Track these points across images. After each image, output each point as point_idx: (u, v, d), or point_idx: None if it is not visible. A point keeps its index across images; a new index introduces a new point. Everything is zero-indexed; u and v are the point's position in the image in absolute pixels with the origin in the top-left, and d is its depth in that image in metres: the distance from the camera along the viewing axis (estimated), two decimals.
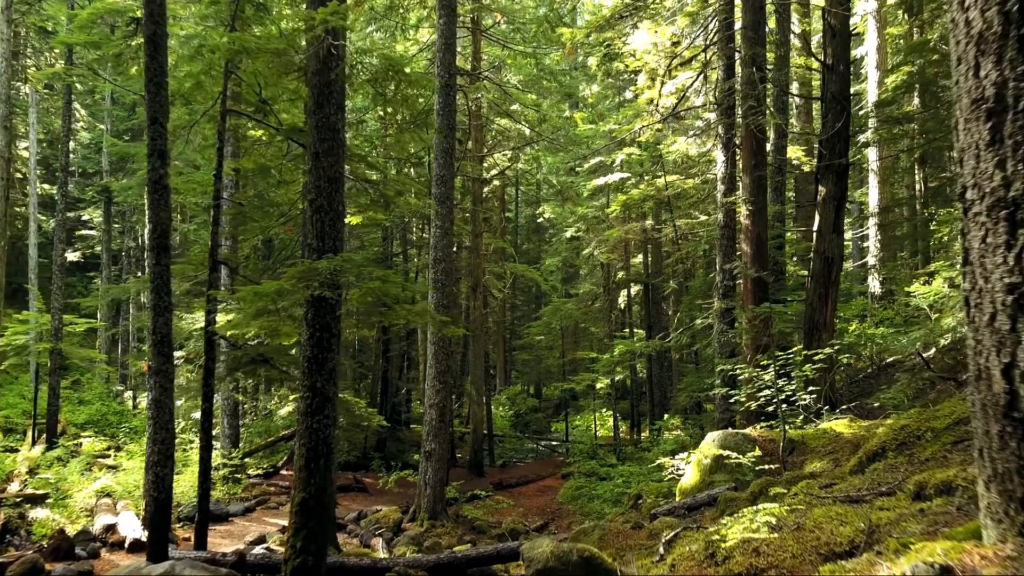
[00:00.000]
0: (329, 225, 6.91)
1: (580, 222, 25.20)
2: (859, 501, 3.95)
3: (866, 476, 4.99)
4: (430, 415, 14.10)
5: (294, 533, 6.56)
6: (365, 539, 12.60)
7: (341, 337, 6.98)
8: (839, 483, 4.98)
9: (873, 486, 4.45)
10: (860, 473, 5.48)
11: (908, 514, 3.18)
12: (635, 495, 15.06)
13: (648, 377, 25.27)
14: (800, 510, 4.10)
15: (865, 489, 4.39)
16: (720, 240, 13.24)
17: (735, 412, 11.96)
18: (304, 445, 6.69)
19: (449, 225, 14.33)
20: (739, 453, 8.21)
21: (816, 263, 12.23)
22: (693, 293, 21.12)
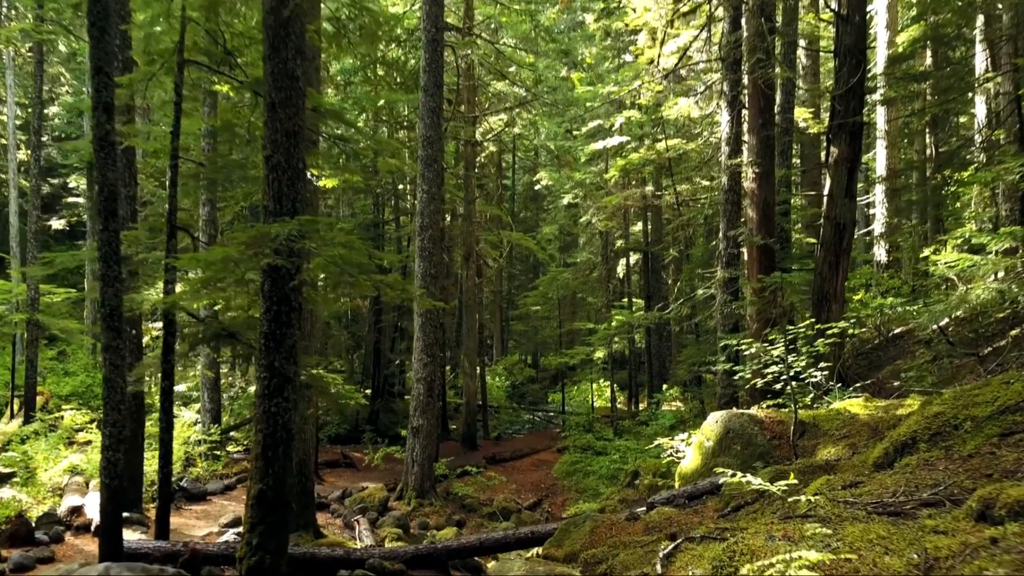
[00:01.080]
0: (287, 185, 6.14)
1: (577, 189, 24.33)
2: (900, 514, 3.24)
3: (897, 473, 4.28)
4: (418, 389, 13.44)
5: (250, 528, 5.89)
6: (348, 519, 12.01)
7: (302, 310, 6.24)
8: (865, 482, 4.28)
9: (911, 490, 3.74)
10: (887, 468, 4.78)
11: (976, 545, 2.48)
12: (632, 472, 14.49)
13: (647, 348, 24.62)
14: (826, 519, 3.41)
15: (902, 494, 3.68)
16: (724, 205, 12.44)
17: (738, 388, 11.29)
18: (261, 431, 5.99)
19: (436, 190, 13.52)
20: (745, 435, 7.54)
21: (826, 229, 11.46)
22: (694, 262, 20.35)
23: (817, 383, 8.56)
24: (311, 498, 10.59)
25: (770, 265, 11.62)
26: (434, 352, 13.43)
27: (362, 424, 23.95)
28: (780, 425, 7.58)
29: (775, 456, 7.27)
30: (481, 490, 14.93)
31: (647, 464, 14.17)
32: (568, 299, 32.12)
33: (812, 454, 6.90)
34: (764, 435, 7.48)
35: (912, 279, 21.78)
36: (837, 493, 4.05)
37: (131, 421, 11.27)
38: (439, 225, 13.70)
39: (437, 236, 13.57)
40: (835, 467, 5.86)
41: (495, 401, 29.83)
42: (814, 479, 5.78)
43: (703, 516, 6.33)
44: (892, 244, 22.17)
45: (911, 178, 22.23)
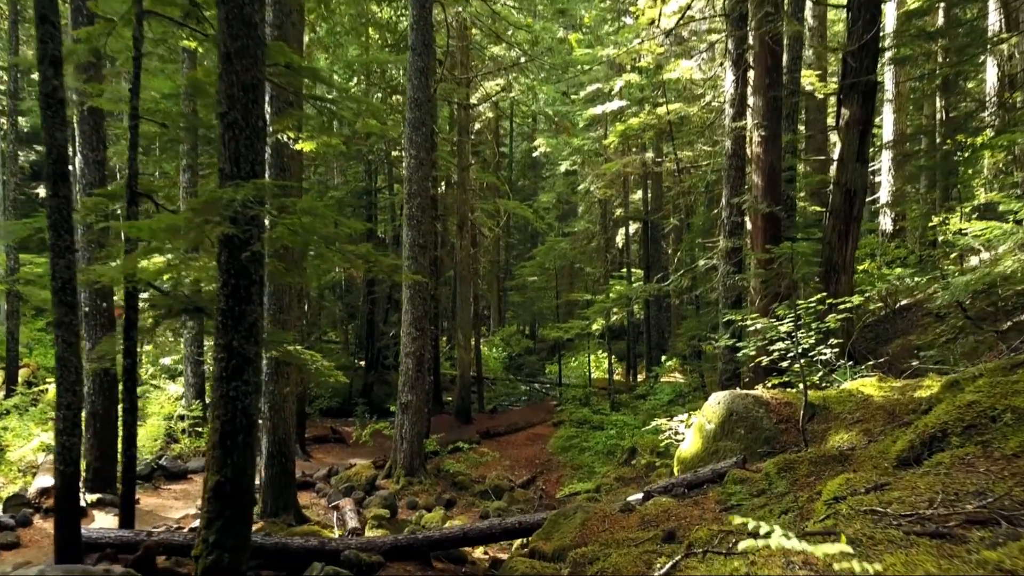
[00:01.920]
0: (245, 145, 5.50)
1: (576, 155, 23.57)
2: (946, 536, 2.69)
3: (929, 474, 3.73)
4: (407, 364, 12.90)
5: (207, 524, 5.36)
6: (334, 499, 11.57)
7: (266, 283, 5.64)
8: (892, 484, 3.72)
9: (950, 499, 3.18)
10: (914, 465, 4.23)
11: None
12: (629, 449, 14.03)
13: (645, 318, 24.08)
14: (856, 540, 2.85)
15: (941, 504, 3.12)
16: (727, 171, 11.78)
17: (740, 364, 10.74)
18: (219, 417, 5.44)
19: (425, 155, 12.84)
20: (749, 419, 7.00)
21: (836, 196, 10.83)
22: (695, 231, 19.72)
23: (826, 361, 8.02)
24: (291, 478, 10.12)
25: (776, 234, 11.01)
26: (423, 325, 12.87)
27: (355, 397, 23.50)
28: (787, 407, 7.04)
29: (782, 441, 6.74)
30: (473, 467, 14.48)
31: (644, 441, 13.70)
32: (566, 269, 31.50)
33: (823, 440, 6.36)
34: (770, 418, 6.94)
35: (919, 248, 21.17)
36: (862, 500, 3.49)
37: (103, 398, 10.79)
38: (428, 192, 13.05)
39: (426, 204, 12.92)
40: (850, 458, 5.32)
41: (492, 373, 29.39)
42: (828, 472, 5.25)
43: (704, 509, 5.80)
44: (898, 213, 21.52)
45: (920, 144, 21.49)
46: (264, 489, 9.94)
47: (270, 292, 9.79)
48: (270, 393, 9.86)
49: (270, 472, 9.85)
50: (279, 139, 9.38)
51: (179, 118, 7.67)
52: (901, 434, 5.38)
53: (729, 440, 7.05)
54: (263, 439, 9.98)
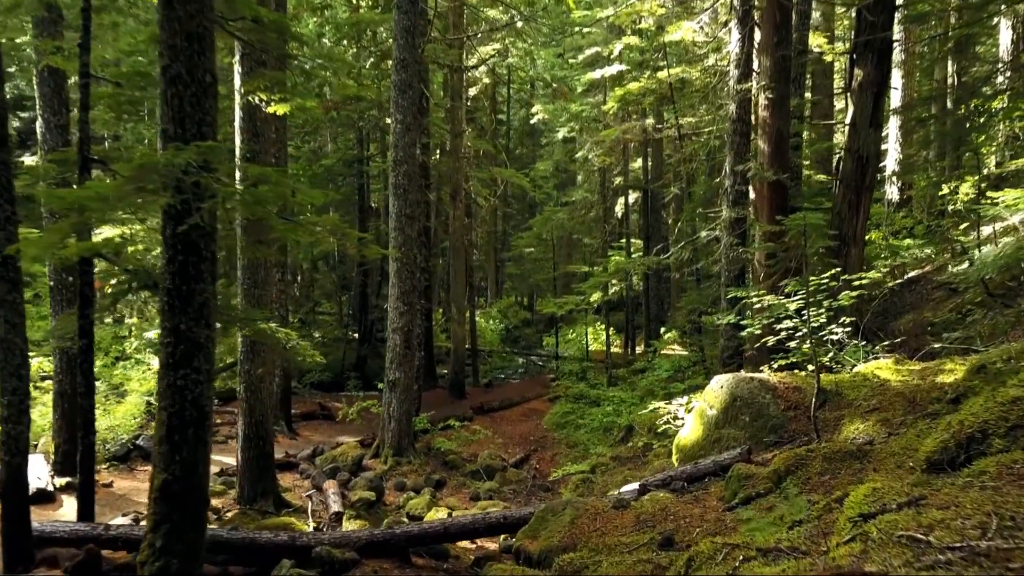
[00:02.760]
0: (191, 103, 4.86)
1: (573, 122, 22.79)
2: None
3: (973, 487, 3.17)
4: (394, 340, 12.35)
5: (153, 527, 4.83)
6: (318, 481, 11.07)
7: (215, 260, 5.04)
8: (929, 499, 3.16)
9: (1006, 524, 2.62)
10: (949, 471, 3.67)
11: None
12: (626, 427, 13.55)
13: (644, 290, 23.50)
14: None
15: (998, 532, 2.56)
16: (731, 136, 11.10)
17: (742, 341, 10.16)
18: (165, 409, 4.88)
19: (412, 120, 12.14)
20: (755, 405, 6.45)
21: (847, 163, 10.20)
22: (696, 200, 19.05)
23: (837, 341, 7.46)
24: (270, 462, 9.62)
25: (782, 204, 10.39)
26: (411, 300, 12.29)
27: (348, 370, 23.02)
28: (796, 392, 6.48)
29: (790, 430, 6.20)
30: (465, 445, 14.02)
31: (642, 418, 13.22)
32: (564, 240, 30.85)
33: (836, 429, 5.82)
34: (777, 404, 6.39)
35: (927, 218, 20.51)
36: (896, 521, 2.93)
37: (71, 377, 10.23)
38: (416, 159, 12.37)
39: (414, 172, 12.26)
40: (869, 455, 4.77)
41: (488, 345, 28.90)
42: (844, 471, 4.71)
43: (706, 507, 5.28)
44: (905, 182, 20.84)
45: (930, 110, 20.71)
46: (241, 474, 9.45)
47: (244, 266, 9.19)
48: (245, 372, 9.31)
49: (247, 456, 9.34)
50: (250, 101, 8.70)
51: (135, 77, 7.01)
52: (925, 427, 4.83)
53: (732, 428, 6.51)
54: (239, 421, 9.46)
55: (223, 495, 9.64)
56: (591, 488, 10.89)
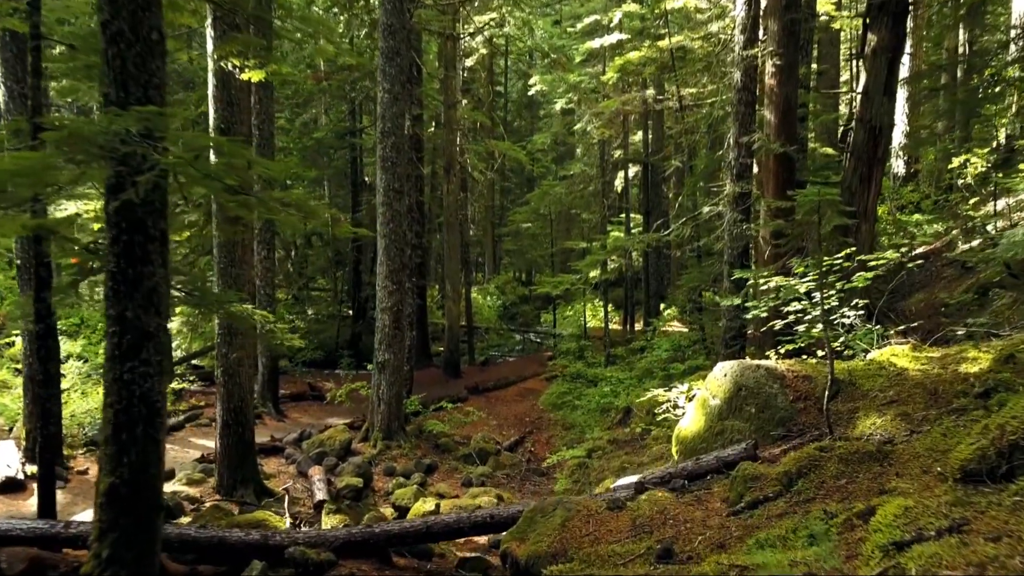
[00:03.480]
0: (135, 63, 4.32)
1: (572, 92, 22.09)
2: None
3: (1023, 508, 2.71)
4: (383, 320, 11.88)
5: (99, 535, 4.38)
6: (303, 467, 10.68)
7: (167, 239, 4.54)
8: (972, 523, 2.70)
9: None
10: (989, 483, 3.21)
11: None
12: (624, 409, 13.12)
13: (644, 266, 22.99)
14: None
15: None
16: (736, 107, 10.52)
17: (745, 322, 9.69)
18: (112, 405, 4.41)
19: (400, 89, 11.55)
20: (761, 395, 5.98)
21: (858, 134, 9.65)
22: (697, 174, 18.48)
23: (848, 325, 6.98)
24: (250, 449, 9.19)
25: (789, 178, 9.85)
26: (400, 278, 11.80)
27: (341, 348, 22.58)
28: (805, 382, 6.01)
29: (799, 423, 5.73)
30: (458, 427, 13.61)
31: (641, 400, 12.81)
32: (563, 215, 30.25)
33: (850, 424, 5.36)
34: (785, 395, 5.93)
35: (935, 193, 19.94)
36: (938, 554, 2.47)
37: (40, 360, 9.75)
38: (404, 131, 11.80)
39: (402, 144, 11.69)
40: (891, 456, 4.31)
41: (485, 322, 28.45)
42: (863, 474, 4.25)
43: (708, 510, 4.83)
44: (912, 155, 20.26)
45: (939, 80, 20.04)
46: (219, 461, 9.04)
47: (219, 244, 8.70)
48: (223, 356, 8.85)
49: (225, 442, 8.92)
50: (223, 67, 8.13)
51: (91, 39, 6.44)
52: (952, 425, 4.36)
53: (737, 419, 6.05)
54: (217, 406, 9.02)
55: (202, 483, 9.23)
56: (587, 474, 10.50)
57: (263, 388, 13.93)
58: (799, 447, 5.48)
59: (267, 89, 13.42)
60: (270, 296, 13.76)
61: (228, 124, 8.57)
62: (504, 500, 10.04)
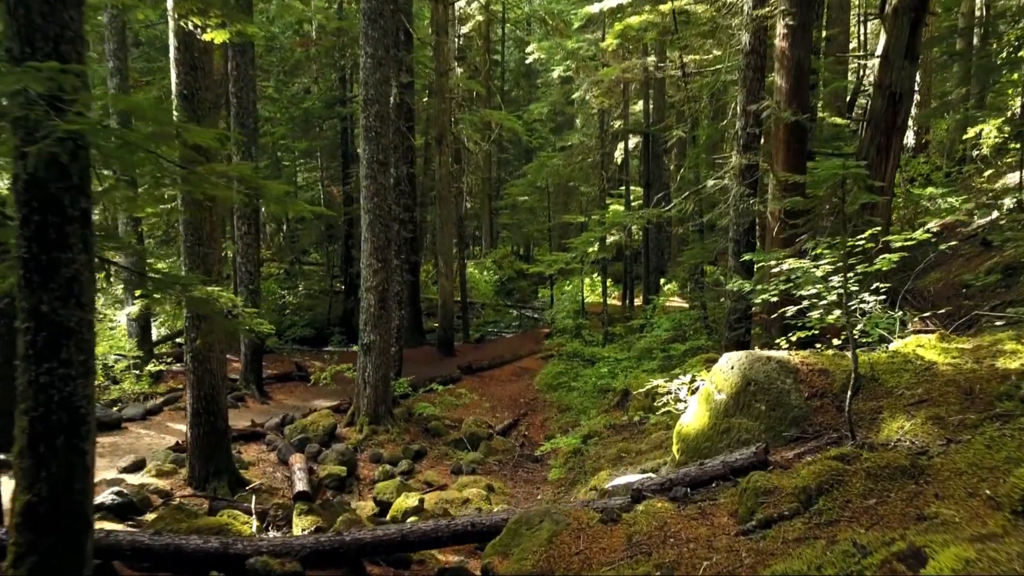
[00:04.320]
0: (42, 14, 3.65)
1: (570, 59, 21.22)
2: None
3: None
4: (368, 300, 11.29)
5: (15, 561, 3.81)
6: (284, 454, 10.15)
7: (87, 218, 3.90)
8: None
9: None
10: None
11: None
12: (621, 392, 12.56)
13: (644, 240, 22.32)
14: None
15: None
16: (744, 72, 9.79)
17: (751, 304, 9.07)
18: (27, 412, 3.82)
19: (384, 53, 10.82)
20: (772, 391, 5.39)
21: (876, 101, 8.96)
22: (700, 145, 17.75)
23: (868, 311, 6.37)
24: (223, 438, 8.63)
25: (801, 149, 9.18)
26: (386, 256, 11.17)
27: (333, 324, 22.03)
28: (822, 377, 5.42)
29: (815, 424, 5.15)
30: (449, 409, 13.08)
31: (639, 382, 12.26)
32: (562, 188, 29.49)
33: (873, 426, 4.77)
34: (799, 391, 5.34)
35: (947, 165, 19.22)
36: None
37: (1, 344, 9.16)
38: (390, 99, 11.09)
39: (387, 112, 10.99)
40: (927, 472, 3.72)
41: (482, 298, 27.87)
42: (896, 494, 3.66)
43: (714, 526, 4.27)
44: (923, 126, 19.50)
45: (955, 46, 19.20)
46: (190, 452, 8.49)
47: (185, 220, 8.06)
48: (191, 341, 8.25)
49: (196, 432, 8.36)
50: (183, 27, 7.43)
51: None
52: (997, 434, 3.77)
53: (745, 417, 5.47)
54: (187, 394, 8.44)
55: (173, 474, 8.69)
56: (582, 462, 9.97)
57: (246, 369, 13.37)
58: (816, 451, 4.90)
59: (245, 54, 12.68)
60: (251, 273, 13.14)
61: (192, 90, 7.88)
62: (495, 490, 9.53)
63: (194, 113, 7.94)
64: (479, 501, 8.46)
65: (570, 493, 9.34)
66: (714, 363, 10.54)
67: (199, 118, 7.97)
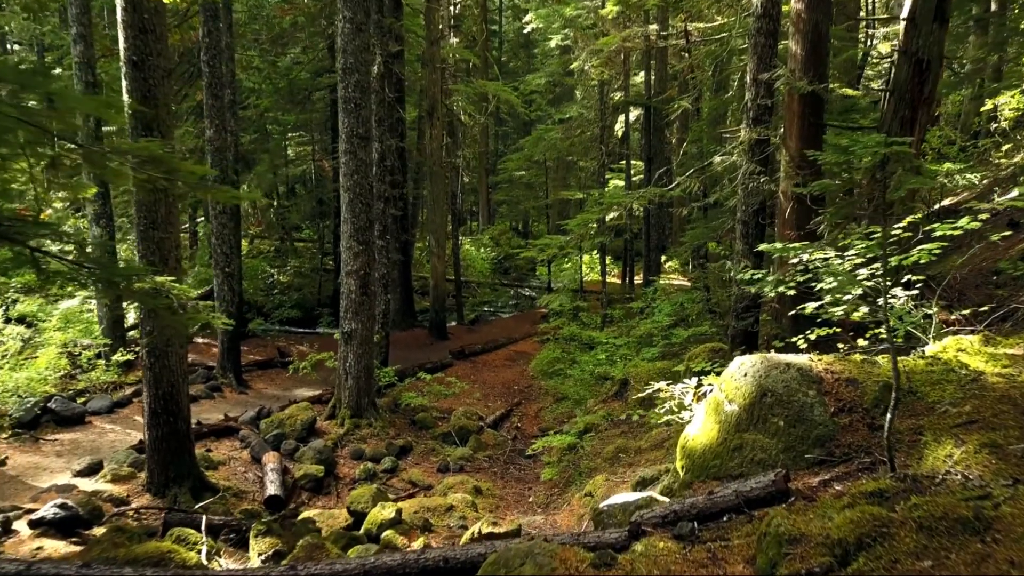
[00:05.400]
0: None
1: (568, 28, 20.27)
2: None
3: None
4: (348, 285, 10.54)
5: None
6: (258, 452, 9.48)
7: None
8: None
9: None
10: None
11: None
12: (620, 381, 11.86)
13: (644, 217, 21.51)
14: None
15: None
16: (755, 37, 8.93)
17: (759, 292, 8.30)
18: None
19: (363, 18, 9.95)
20: (792, 404, 4.66)
21: (901, 69, 8.12)
22: (704, 118, 16.88)
23: (899, 309, 5.62)
24: (186, 439, 7.93)
25: (817, 122, 8.37)
26: (367, 237, 10.40)
27: (322, 305, 21.28)
28: (850, 388, 4.68)
29: (843, 444, 4.42)
30: (438, 399, 12.40)
31: (639, 369, 11.58)
32: (561, 162, 28.59)
33: (914, 451, 4.05)
34: (824, 404, 4.60)
35: (961, 139, 18.37)
36: None
37: None
38: (369, 67, 10.24)
39: (366, 83, 10.15)
40: (995, 525, 3.00)
41: (478, 276, 27.14)
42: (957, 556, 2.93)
43: (726, 561, 3.56)
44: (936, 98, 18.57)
45: (971, 10, 18.24)
46: (149, 456, 7.79)
47: (138, 201, 7.28)
48: (147, 334, 7.52)
49: (155, 434, 7.66)
50: None
51: None
52: None
53: (760, 433, 4.75)
54: (144, 393, 7.73)
55: (131, 479, 8.00)
56: (577, 460, 9.32)
57: (222, 357, 12.66)
58: (845, 478, 4.19)
59: (215, 19, 11.79)
60: (228, 255, 12.36)
61: (142, 56, 7.06)
62: (482, 492, 8.88)
63: (145, 82, 7.14)
64: (464, 508, 7.79)
65: (563, 496, 8.68)
66: (719, 355, 9.85)
67: (151, 87, 7.17)
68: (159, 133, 7.26)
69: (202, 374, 12.76)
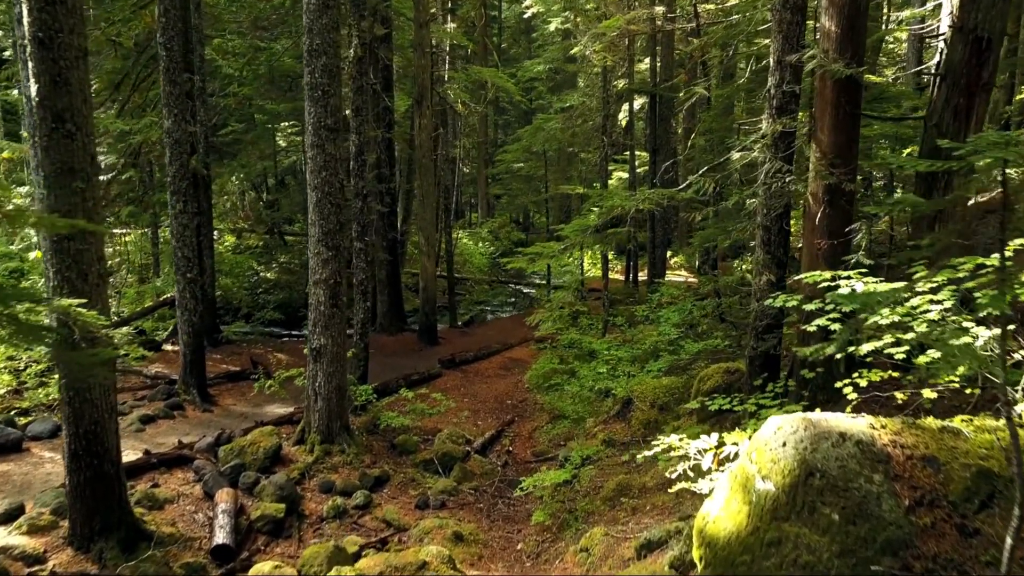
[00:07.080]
0: None
1: (568, 10, 19.00)
2: None
3: None
4: (316, 296, 9.38)
5: None
6: (211, 487, 8.34)
7: None
8: None
9: None
10: None
11: None
12: (623, 399, 10.74)
13: (649, 214, 20.28)
14: None
15: None
16: (780, 13, 7.70)
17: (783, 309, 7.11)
18: None
19: None
20: (851, 491, 3.49)
21: (955, 50, 6.91)
22: (715, 106, 15.65)
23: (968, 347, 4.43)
24: (114, 483, 6.80)
25: (854, 112, 7.15)
26: (337, 241, 9.22)
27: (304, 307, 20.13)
28: (927, 471, 3.50)
29: (925, 557, 3.25)
30: (422, 418, 11.26)
31: (644, 387, 10.43)
32: (562, 154, 27.31)
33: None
34: (895, 495, 3.43)
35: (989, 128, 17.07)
36: None
37: None
38: (337, 49, 9.02)
39: (335, 67, 8.94)
40: None
41: (475, 272, 25.99)
42: None
43: None
44: None
45: None
46: (70, 505, 6.66)
47: (49, 206, 6.12)
48: (64, 366, 6.38)
49: (76, 480, 6.53)
50: None
51: None
52: None
53: (806, 526, 3.58)
54: (63, 431, 6.59)
55: (52, 529, 6.87)
56: (573, 498, 8.22)
57: (185, 371, 11.52)
58: None
59: None
60: (190, 259, 11.20)
61: (50, 33, 5.89)
62: (464, 539, 7.76)
63: (55, 64, 5.96)
64: (440, 565, 6.66)
65: (555, 544, 7.55)
66: (735, 377, 8.66)
67: (61, 70, 6.00)
68: (73, 125, 6.10)
69: (163, 390, 11.63)
